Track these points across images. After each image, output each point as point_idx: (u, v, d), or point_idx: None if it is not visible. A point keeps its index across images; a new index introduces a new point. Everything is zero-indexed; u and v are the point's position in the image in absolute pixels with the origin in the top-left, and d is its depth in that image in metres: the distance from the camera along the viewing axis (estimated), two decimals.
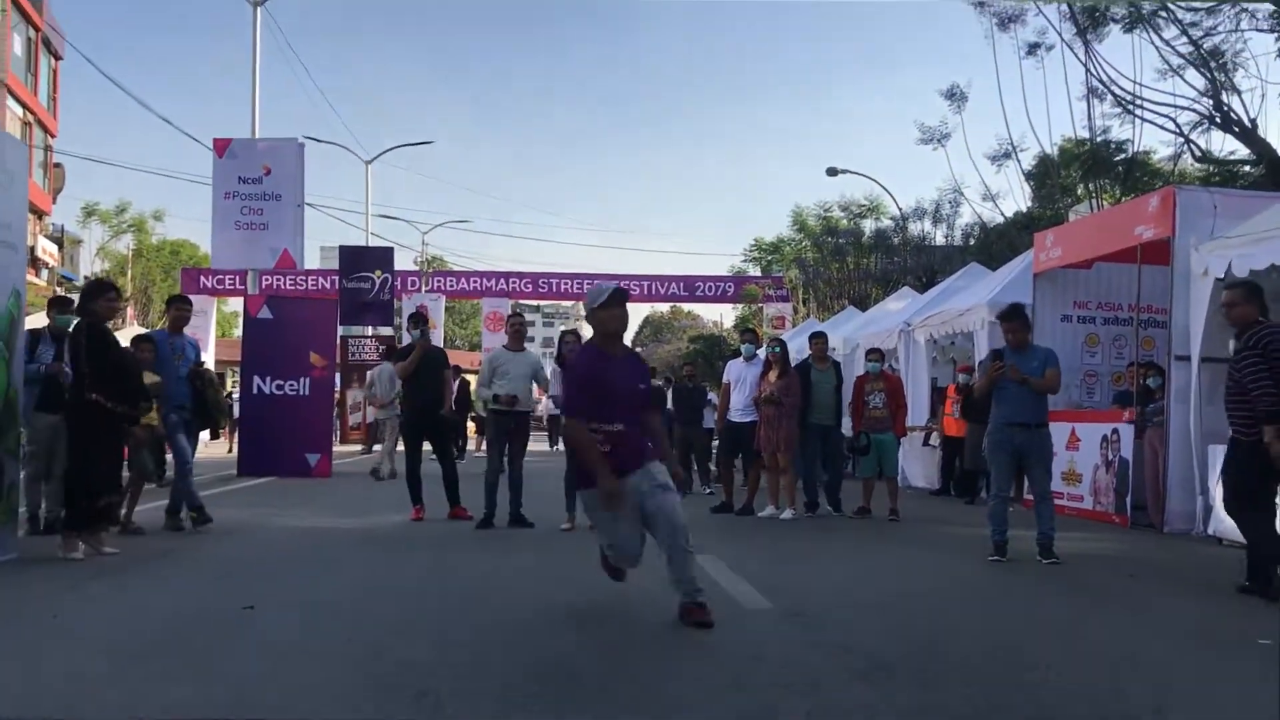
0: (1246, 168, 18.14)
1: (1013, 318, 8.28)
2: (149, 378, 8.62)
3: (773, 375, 11.35)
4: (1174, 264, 10.82)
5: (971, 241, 29.86)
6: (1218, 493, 9.63)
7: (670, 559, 5.31)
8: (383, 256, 28.28)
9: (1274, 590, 6.39)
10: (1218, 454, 9.73)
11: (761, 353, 12.19)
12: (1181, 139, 18.17)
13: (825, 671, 4.42)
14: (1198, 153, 18.65)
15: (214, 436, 10.08)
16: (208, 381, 9.72)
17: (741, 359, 11.96)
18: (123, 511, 8.64)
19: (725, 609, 5.81)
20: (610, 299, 5.45)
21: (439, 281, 36.63)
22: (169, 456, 9.96)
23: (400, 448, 11.29)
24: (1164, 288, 11.12)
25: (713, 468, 15.01)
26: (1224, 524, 9.50)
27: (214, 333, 34.13)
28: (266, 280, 27.95)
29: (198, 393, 9.45)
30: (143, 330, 9.86)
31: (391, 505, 11.22)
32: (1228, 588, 6.80)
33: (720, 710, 3.74)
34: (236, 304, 43.46)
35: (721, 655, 4.64)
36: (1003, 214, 25.77)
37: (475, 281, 36.32)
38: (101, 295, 7.60)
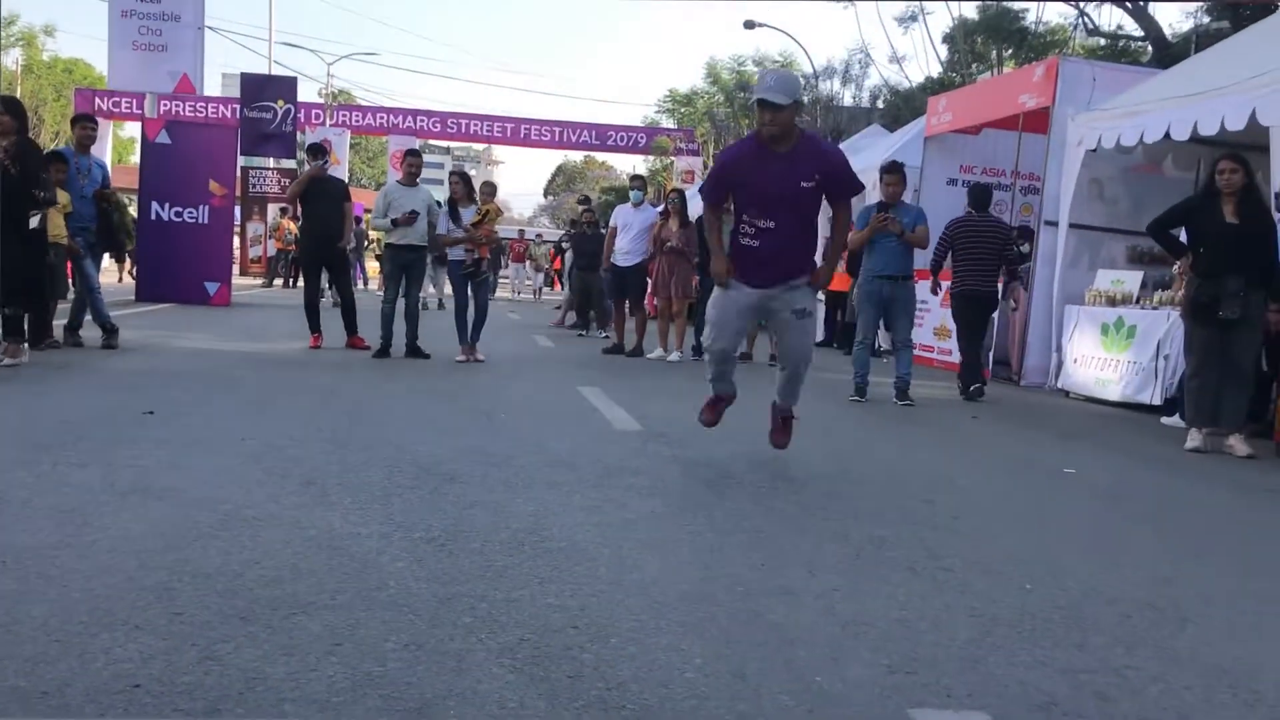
0: (1135, 44, 18.67)
1: (892, 171, 8.76)
2: (60, 196, 8.68)
3: (674, 224, 11.79)
4: (1051, 132, 11.36)
5: (880, 104, 30.20)
6: (1070, 349, 10.43)
7: (785, 384, 5.69)
8: (286, 86, 27.45)
9: None
10: (1072, 314, 10.50)
11: (655, 208, 12.60)
12: (1076, 11, 18.56)
13: (675, 478, 4.96)
14: (1090, 26, 19.11)
15: (118, 260, 10.07)
16: (115, 204, 9.72)
17: (630, 205, 12.28)
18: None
19: (597, 429, 6.33)
20: (759, 101, 4.98)
21: (344, 116, 35.73)
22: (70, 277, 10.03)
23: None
24: (1043, 156, 11.67)
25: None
26: (1072, 378, 10.34)
27: (110, 157, 32.97)
28: (165, 105, 27.05)
29: (104, 215, 9.47)
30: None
31: (290, 333, 11.49)
32: (1058, 430, 7.53)
33: (575, 505, 4.23)
34: (133, 129, 41.94)
35: (585, 464, 5.13)
36: (907, 78, 26.09)
37: (382, 118, 35.51)
38: None
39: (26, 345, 7.99)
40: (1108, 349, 9.85)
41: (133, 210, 18.07)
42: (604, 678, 2.43)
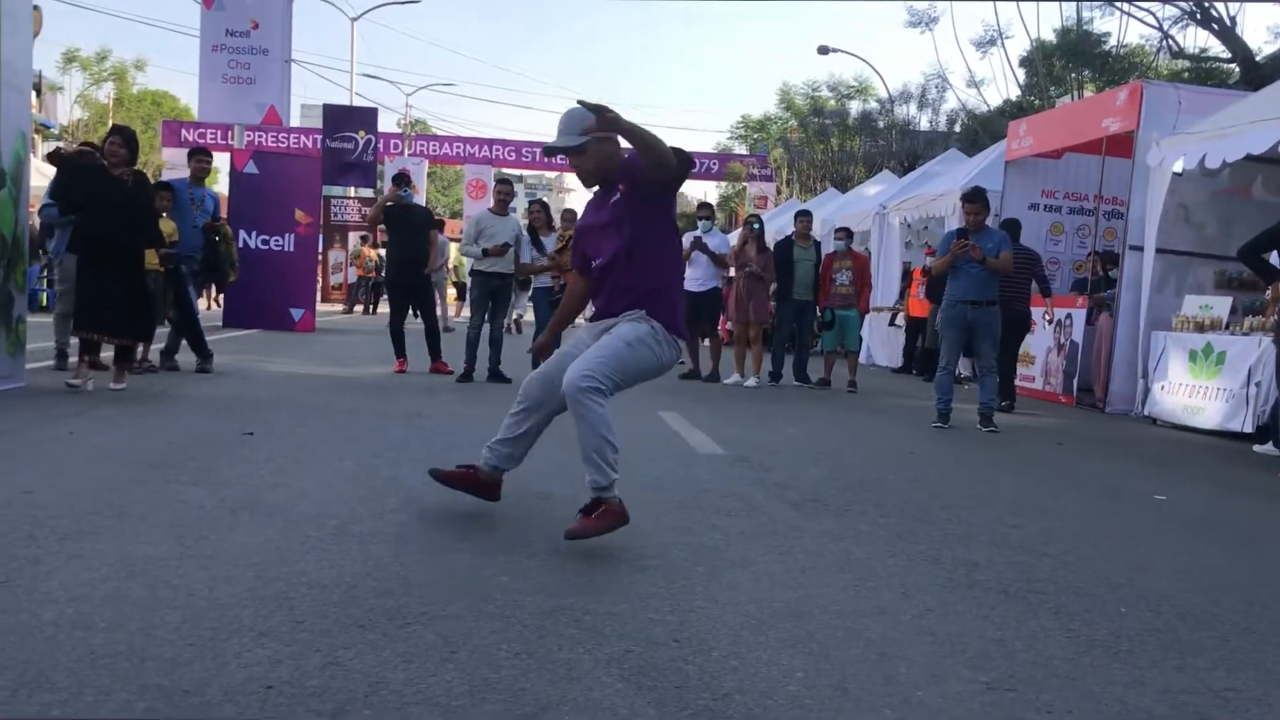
0: (1223, 65, 18.38)
1: (974, 199, 8.73)
2: (165, 225, 9.05)
3: (752, 249, 11.90)
4: (1136, 156, 11.24)
5: (957, 128, 30.04)
6: (1157, 376, 10.28)
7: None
8: (367, 117, 28.23)
9: None
10: (1159, 340, 10.35)
11: (725, 235, 12.66)
12: (1161, 34, 18.35)
13: (762, 501, 5.02)
14: (1175, 49, 18.86)
15: (220, 290, 10.42)
16: (223, 235, 10.01)
17: (698, 232, 12.13)
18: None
19: (681, 453, 6.41)
20: (554, 152, 4.26)
21: (422, 145, 36.50)
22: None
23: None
24: (1128, 180, 11.54)
25: None
26: (1159, 405, 10.18)
27: None
28: (249, 136, 27.91)
29: (211, 246, 9.79)
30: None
31: (375, 358, 11.77)
32: (1145, 458, 7.44)
33: (667, 525, 4.32)
34: (217, 159, 43.22)
35: (671, 486, 5.22)
36: (985, 101, 25.95)
37: (459, 147, 36.23)
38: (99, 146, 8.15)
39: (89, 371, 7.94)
40: (1196, 376, 9.70)
41: None
42: (709, 688, 2.51)
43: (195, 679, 2.38)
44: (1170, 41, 18.36)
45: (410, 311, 11.12)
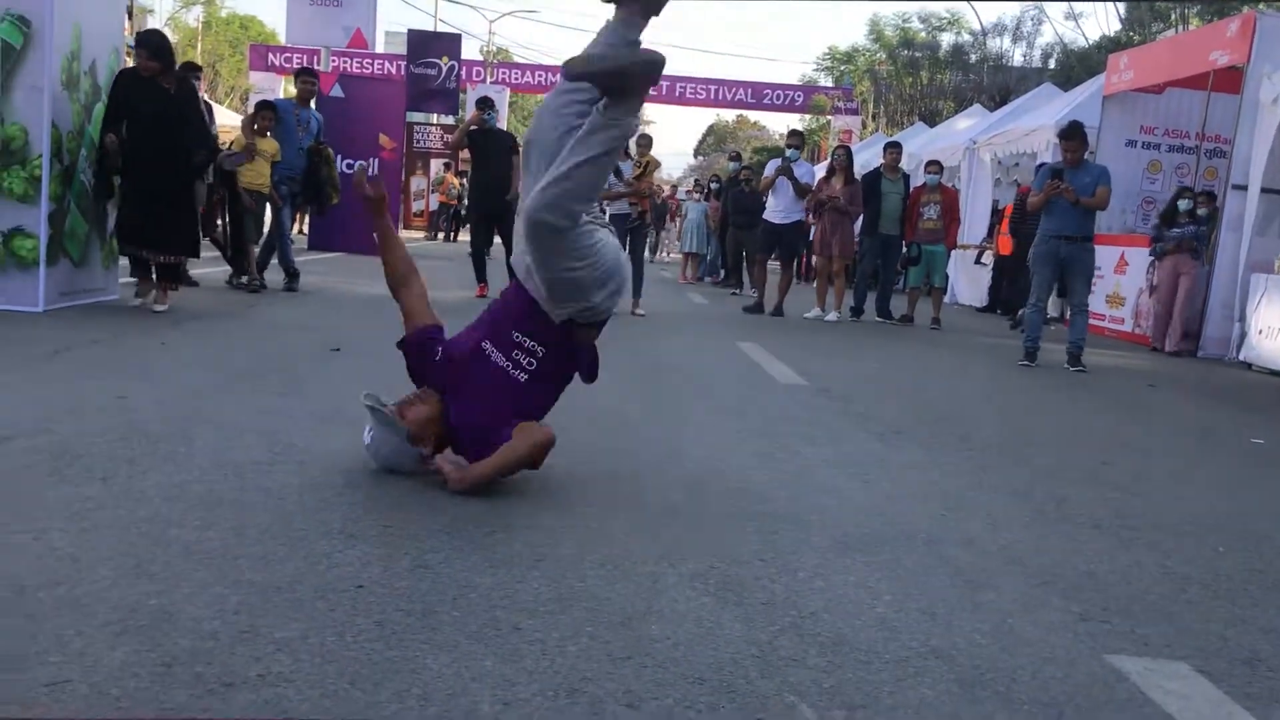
0: None
1: (1072, 136, 8.43)
2: (268, 144, 9.12)
3: (838, 181, 11.61)
4: (1245, 90, 10.77)
5: (1052, 63, 29.08)
6: (1255, 320, 9.93)
7: None
8: (450, 43, 28.13)
9: None
10: (1260, 283, 9.98)
11: (814, 166, 12.37)
12: None
13: (845, 429, 4.96)
14: None
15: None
16: (325, 158, 9.99)
17: (782, 162, 11.72)
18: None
19: (762, 383, 6.36)
20: None
21: (504, 73, 36.36)
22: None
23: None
24: (1234, 117, 11.07)
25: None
26: (1256, 350, 9.84)
27: None
28: (335, 60, 28.01)
29: (313, 168, 9.85)
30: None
31: (457, 282, 11.83)
32: (1241, 402, 7.21)
33: (748, 450, 4.28)
34: None
35: (752, 413, 5.17)
36: (1084, 35, 25.04)
37: (541, 75, 35.98)
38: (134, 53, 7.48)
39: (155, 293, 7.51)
40: None
41: None
42: (796, 606, 2.48)
43: (287, 576, 2.41)
44: None
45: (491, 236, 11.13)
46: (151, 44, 7.27)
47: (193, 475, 3.22)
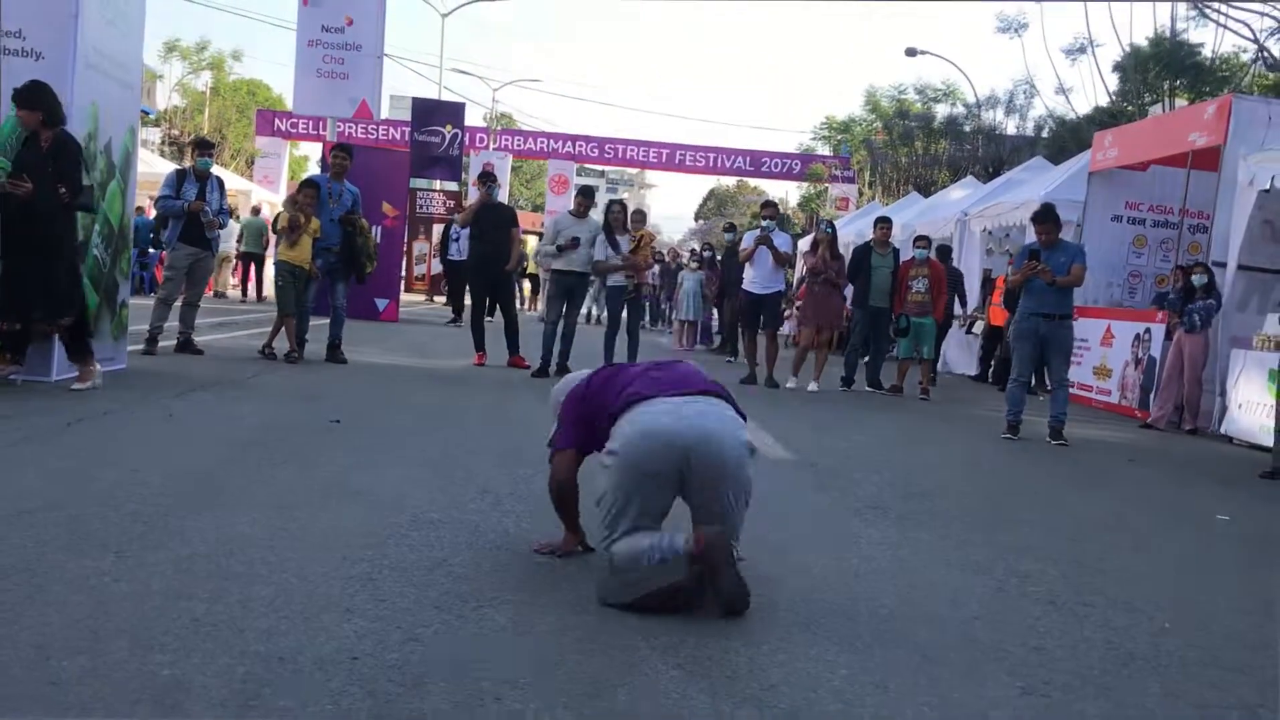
0: None
1: (1045, 219, 8.76)
2: (315, 221, 9.52)
3: (824, 254, 11.90)
4: (1222, 170, 11.11)
5: (1044, 134, 29.62)
6: (1234, 395, 10.16)
7: None
8: (454, 111, 28.67)
9: None
10: (1239, 358, 10.23)
11: (787, 235, 12.63)
12: (1256, 45, 17.99)
13: (825, 507, 5.18)
14: (1270, 60, 18.47)
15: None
16: (360, 229, 10.31)
17: (759, 233, 11.78)
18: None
19: None
20: None
21: (507, 140, 37.01)
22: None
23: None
24: (1213, 194, 11.38)
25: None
26: (1236, 424, 10.07)
27: (285, 175, 34.92)
28: (341, 128, 28.55)
29: (348, 238, 10.15)
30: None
31: (455, 351, 12.10)
32: (1216, 477, 7.41)
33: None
34: (307, 147, 44.26)
35: None
36: (1073, 109, 25.59)
37: (542, 142, 36.67)
38: None
39: (98, 367, 7.07)
40: (1275, 395, 9.56)
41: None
42: (757, 679, 2.69)
43: (289, 648, 2.62)
44: (1266, 53, 18.00)
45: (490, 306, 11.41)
46: (24, 93, 6.63)
47: (201, 549, 3.43)
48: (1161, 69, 21.24)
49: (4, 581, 2.95)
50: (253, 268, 21.50)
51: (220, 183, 10.20)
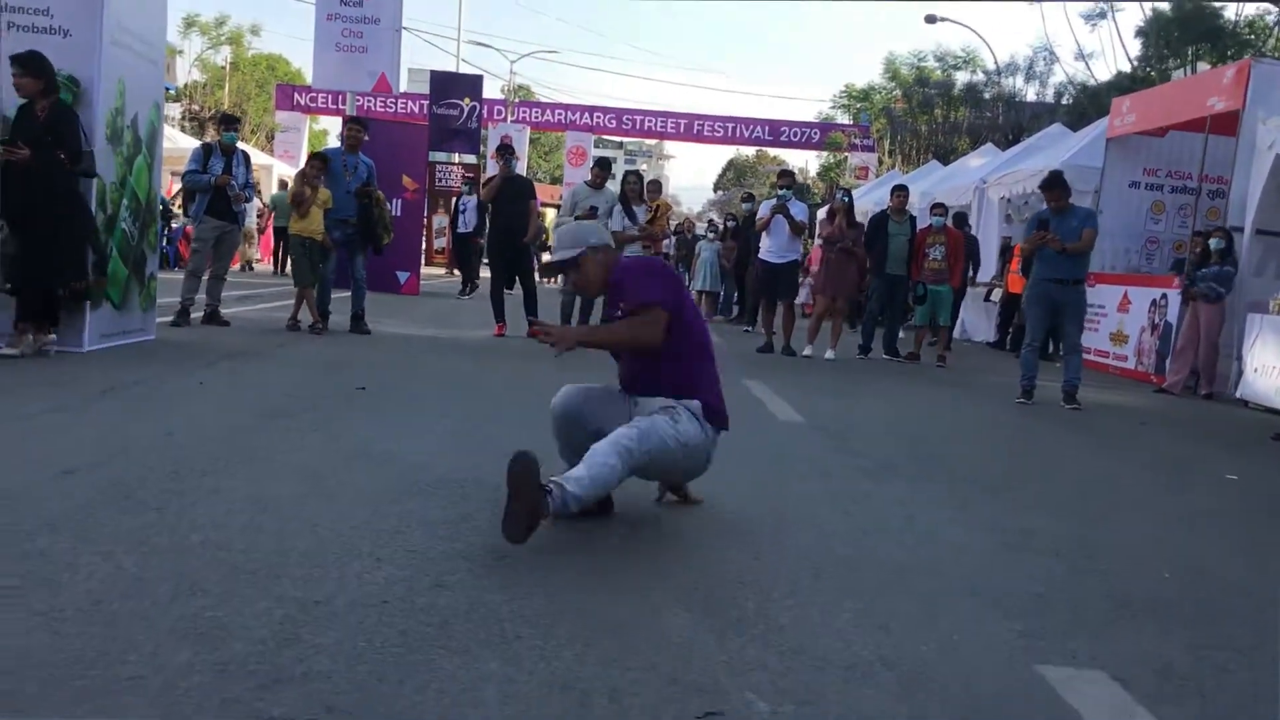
0: None
1: (1052, 186, 8.81)
2: (321, 193, 9.66)
3: (840, 222, 11.97)
4: (1240, 135, 11.11)
5: (1065, 100, 29.47)
6: (1250, 358, 10.21)
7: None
8: (473, 84, 28.74)
9: None
10: (1255, 322, 10.27)
11: (804, 204, 12.69)
12: (1279, 9, 17.83)
13: (837, 467, 5.30)
14: None
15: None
16: (376, 200, 10.40)
17: (776, 202, 11.91)
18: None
19: (763, 419, 6.71)
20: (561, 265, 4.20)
21: (525, 112, 37.07)
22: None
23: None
24: (1230, 159, 11.38)
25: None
26: (1251, 388, 10.12)
27: (305, 149, 35.06)
28: (360, 101, 28.65)
29: (364, 210, 10.26)
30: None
31: (477, 322, 12.26)
32: (1228, 439, 7.50)
33: (746, 481, 4.63)
34: (327, 121, 44.47)
35: (753, 449, 5.52)
36: (1092, 74, 25.42)
37: (560, 114, 36.72)
38: None
39: (31, 336, 6.84)
40: None
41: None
42: (765, 621, 2.83)
43: (324, 593, 2.79)
44: None
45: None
46: (21, 60, 6.72)
47: (236, 506, 3.60)
48: (1183, 32, 21.07)
49: (55, 535, 3.12)
50: (283, 243, 21.74)
51: (246, 157, 10.36)
